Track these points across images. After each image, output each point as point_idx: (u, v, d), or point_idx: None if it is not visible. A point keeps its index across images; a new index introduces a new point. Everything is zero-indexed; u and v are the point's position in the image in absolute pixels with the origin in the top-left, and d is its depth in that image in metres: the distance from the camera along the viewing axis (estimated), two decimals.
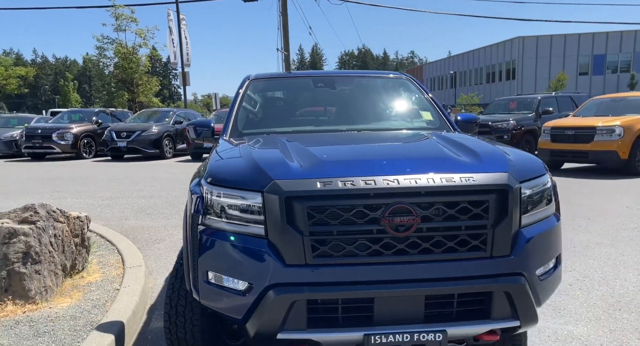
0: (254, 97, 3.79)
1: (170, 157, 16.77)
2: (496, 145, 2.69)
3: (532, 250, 2.20)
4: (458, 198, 2.11)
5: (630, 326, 3.31)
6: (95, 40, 26.71)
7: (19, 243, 3.47)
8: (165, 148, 16.50)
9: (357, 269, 2.06)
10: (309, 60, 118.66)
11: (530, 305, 2.17)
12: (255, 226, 2.09)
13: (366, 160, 2.35)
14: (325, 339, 2.08)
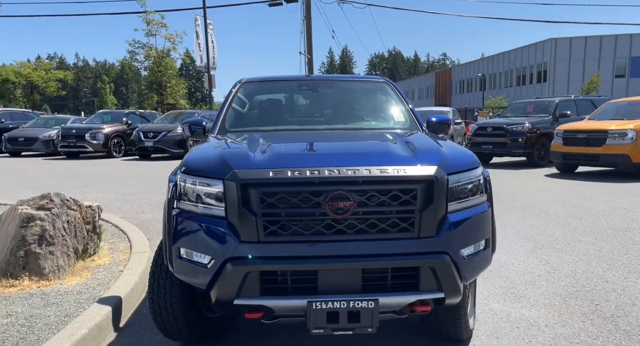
0: (243, 99, 4.18)
1: None
2: (439, 143, 3.00)
3: (457, 232, 2.51)
4: (390, 187, 2.44)
5: (579, 311, 3.56)
6: (128, 44, 27.83)
7: (35, 227, 3.95)
8: (189, 148, 17.10)
9: (302, 246, 2.41)
10: (338, 63, 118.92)
11: (453, 279, 2.48)
12: (217, 208, 2.46)
13: (316, 154, 2.71)
14: (275, 305, 2.44)
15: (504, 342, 3.13)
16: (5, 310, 3.33)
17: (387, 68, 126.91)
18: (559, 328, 3.31)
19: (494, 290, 4.03)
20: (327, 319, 2.39)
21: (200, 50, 24.02)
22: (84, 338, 2.94)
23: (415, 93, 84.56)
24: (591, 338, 3.16)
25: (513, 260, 4.82)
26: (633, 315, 3.49)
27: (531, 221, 6.51)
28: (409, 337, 3.21)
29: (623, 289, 4.01)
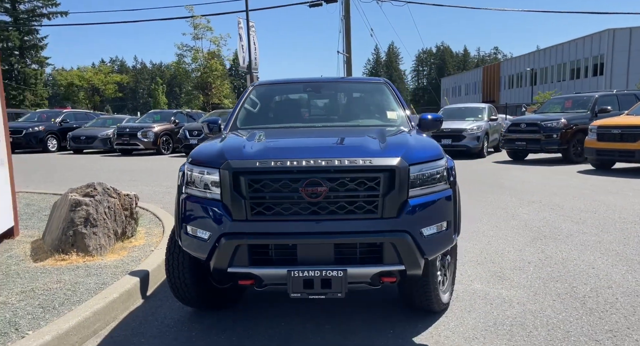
0: (255, 100, 4.71)
1: None
2: (411, 139, 3.41)
3: (416, 214, 2.92)
4: (357, 175, 2.89)
5: (554, 292, 3.87)
6: (177, 48, 29.26)
7: (81, 211, 4.63)
8: None
9: (283, 224, 2.89)
10: (384, 59, 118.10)
11: (412, 254, 2.89)
12: (214, 193, 2.98)
13: (299, 148, 3.19)
14: (261, 273, 2.94)
15: (474, 315, 3.50)
16: (56, 277, 4.00)
17: (435, 64, 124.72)
18: (529, 305, 3.65)
19: (482, 273, 4.37)
20: (303, 285, 2.86)
21: (243, 52, 24.93)
22: (114, 300, 3.55)
23: (462, 89, 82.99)
24: (555, 313, 3.49)
25: (510, 249, 5.12)
26: (603, 296, 3.78)
27: (543, 214, 6.73)
28: (390, 309, 3.63)
29: (606, 274, 4.26)
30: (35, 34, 54.89)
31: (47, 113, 25.38)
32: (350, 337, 3.22)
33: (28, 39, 54.33)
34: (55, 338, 2.93)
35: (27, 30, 53.56)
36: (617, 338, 3.10)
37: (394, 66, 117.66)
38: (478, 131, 15.20)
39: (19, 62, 52.55)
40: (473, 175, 11.08)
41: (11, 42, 52.53)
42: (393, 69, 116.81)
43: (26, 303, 3.46)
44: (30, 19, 53.98)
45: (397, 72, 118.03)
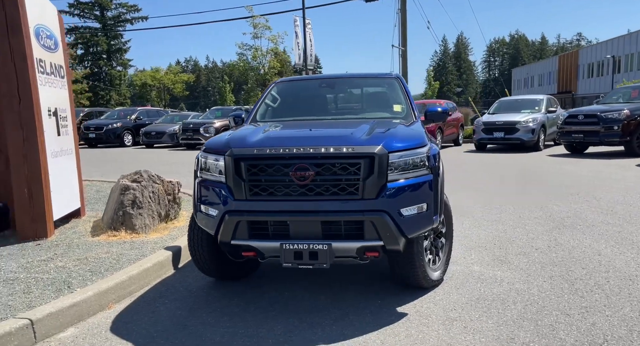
0: (276, 95, 5.22)
1: None
2: (400, 129, 3.78)
3: (395, 196, 3.30)
4: (341, 161, 3.31)
5: (548, 275, 4.10)
6: (237, 47, 30.63)
7: (129, 194, 5.36)
8: None
9: (276, 203, 3.37)
10: (452, 50, 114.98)
11: (390, 231, 3.28)
12: (221, 176, 3.51)
13: (295, 137, 3.66)
14: (258, 245, 3.44)
15: (462, 291, 3.83)
16: (106, 249, 4.73)
17: (508, 53, 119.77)
18: (518, 285, 3.91)
19: (485, 257, 4.64)
20: (294, 256, 3.34)
21: (299, 49, 25.67)
22: (148, 269, 4.19)
23: (535, 80, 79.35)
24: (540, 291, 3.75)
25: (523, 237, 5.31)
26: (595, 279, 3.96)
27: (574, 206, 6.77)
28: (385, 285, 4.02)
29: (609, 261, 4.40)
30: (120, 39, 60.60)
31: (124, 111, 27.55)
32: (339, 303, 3.66)
33: (114, 43, 60.06)
34: (96, 295, 3.60)
35: (113, 35, 59.34)
36: (589, 314, 3.33)
37: (463, 57, 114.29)
38: (533, 123, 14.90)
39: (106, 64, 58.03)
40: (517, 169, 11.02)
41: (100, 46, 58.54)
42: (462, 60, 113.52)
43: (80, 268, 4.18)
44: (116, 25, 59.01)
45: (466, 63, 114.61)
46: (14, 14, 5.00)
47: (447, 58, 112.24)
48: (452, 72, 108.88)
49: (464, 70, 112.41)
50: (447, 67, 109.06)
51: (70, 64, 30.90)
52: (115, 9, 59.45)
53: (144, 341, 3.11)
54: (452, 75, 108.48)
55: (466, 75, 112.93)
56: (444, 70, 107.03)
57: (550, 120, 15.79)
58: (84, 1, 57.59)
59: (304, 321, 3.36)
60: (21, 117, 5.11)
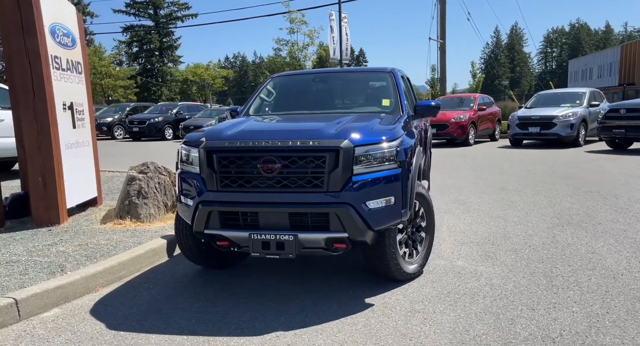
0: (271, 90, 5.39)
1: None
2: (373, 123, 3.87)
3: (359, 189, 3.40)
4: (306, 154, 3.44)
5: (530, 271, 4.10)
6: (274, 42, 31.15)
7: (135, 185, 5.68)
8: None
9: (246, 195, 3.55)
10: (505, 42, 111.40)
11: (354, 224, 3.38)
12: (196, 168, 3.71)
13: (267, 131, 3.82)
14: (229, 235, 3.63)
15: (436, 285, 3.89)
16: (108, 237, 5.05)
17: (567, 44, 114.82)
18: (495, 280, 3.93)
19: (474, 253, 4.66)
20: (262, 246, 3.50)
21: (334, 43, 25.74)
22: (140, 256, 4.47)
23: (594, 71, 75.88)
24: (514, 287, 3.77)
25: (521, 233, 5.28)
26: (577, 277, 3.94)
27: (588, 203, 6.61)
28: (364, 277, 4.12)
29: (600, 259, 4.34)
30: (171, 36, 63.69)
31: (166, 106, 28.57)
32: (312, 293, 3.81)
33: (166, 40, 63.23)
34: (84, 278, 3.89)
35: (165, 33, 62.46)
36: (555, 309, 3.34)
37: (517, 49, 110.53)
38: (572, 118, 14.42)
39: (158, 61, 60.73)
40: (546, 165, 10.74)
41: (152, 43, 61.67)
42: (515, 52, 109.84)
43: (78, 253, 4.51)
44: (168, 23, 61.65)
45: (520, 55, 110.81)
46: (28, 15, 5.39)
47: (500, 50, 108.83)
48: (504, 65, 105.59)
49: (518, 62, 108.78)
50: (499, 59, 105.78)
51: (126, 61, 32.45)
52: (167, 7, 62.36)
53: (116, 322, 3.36)
54: (505, 68, 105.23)
55: (520, 68, 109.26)
56: (496, 62, 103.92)
57: (593, 115, 15.23)
58: (139, 0, 60.77)
59: (272, 309, 3.53)
60: (35, 111, 5.51)
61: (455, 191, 7.85)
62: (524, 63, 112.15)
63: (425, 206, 4.17)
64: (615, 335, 2.95)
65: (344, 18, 25.33)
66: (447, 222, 5.85)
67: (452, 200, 7.17)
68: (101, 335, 3.15)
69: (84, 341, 3.07)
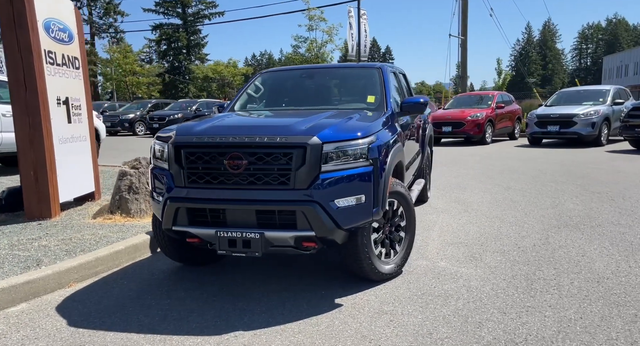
0: (259, 86, 5.36)
1: None
2: (345, 120, 3.80)
3: (327, 187, 3.34)
4: (273, 151, 3.40)
5: (511, 274, 3.99)
6: (293, 39, 31.28)
7: (126, 180, 5.73)
8: None
9: (213, 191, 3.51)
10: (537, 38, 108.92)
11: (321, 222, 3.33)
12: (165, 163, 3.69)
13: (237, 126, 3.79)
14: (197, 232, 3.61)
15: (412, 286, 3.81)
16: (94, 231, 5.11)
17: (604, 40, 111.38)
18: (474, 282, 3.83)
19: (459, 254, 4.55)
20: (228, 244, 3.48)
21: (352, 40, 25.62)
22: (119, 251, 4.50)
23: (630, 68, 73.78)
24: (492, 290, 3.67)
25: (514, 235, 5.15)
26: (559, 280, 3.81)
27: (592, 204, 6.41)
28: (340, 276, 4.06)
29: (588, 262, 4.19)
30: (198, 34, 65.42)
31: (187, 103, 28.91)
32: (283, 292, 3.77)
33: (193, 38, 64.85)
34: (56, 273, 3.92)
35: (192, 31, 64.19)
36: (527, 313, 3.24)
37: (549, 45, 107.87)
38: (594, 116, 14.02)
39: (186, 59, 62.03)
40: (561, 164, 10.46)
41: (180, 42, 63.45)
42: (547, 48, 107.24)
43: (59, 248, 4.56)
44: (195, 21, 63.28)
45: (552, 51, 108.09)
46: (20, 9, 5.48)
47: (531, 46, 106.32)
48: (535, 62, 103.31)
49: (550, 59, 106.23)
50: (531, 55, 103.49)
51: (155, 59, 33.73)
52: (195, 6, 63.80)
53: (79, 319, 3.36)
54: (536, 65, 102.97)
55: (552, 65, 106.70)
56: (527, 59, 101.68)
57: (617, 113, 14.78)
58: (168, 0, 62.27)
59: (238, 308, 3.50)
60: (27, 105, 5.60)
61: (459, 190, 7.70)
62: (557, 60, 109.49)
63: (404, 205, 4.08)
64: (583, 341, 2.84)
65: (363, 15, 25.19)
66: (441, 222, 5.74)
67: (453, 199, 7.03)
68: (59, 332, 3.16)
69: (40, 338, 3.09)
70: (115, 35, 58.16)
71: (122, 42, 50.58)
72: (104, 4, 58.87)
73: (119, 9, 59.26)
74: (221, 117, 4.21)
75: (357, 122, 3.85)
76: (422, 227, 5.52)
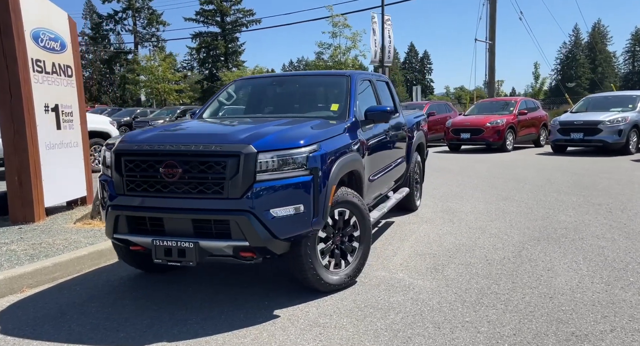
0: (231, 93, 5.41)
1: None
2: (288, 127, 3.80)
3: (262, 196, 3.34)
4: (207, 159, 3.42)
5: (466, 287, 3.91)
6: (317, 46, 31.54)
7: None
8: None
9: (149, 199, 3.56)
10: (585, 41, 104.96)
11: (254, 232, 3.32)
12: (109, 171, 3.76)
13: (179, 134, 3.84)
14: (136, 240, 3.67)
15: (360, 297, 3.78)
16: (67, 236, 5.25)
17: None
18: (423, 294, 3.77)
19: (422, 266, 4.47)
20: (164, 253, 3.51)
21: (376, 46, 25.56)
22: (82, 256, 4.62)
23: None
24: (438, 303, 3.60)
25: (488, 246, 5.02)
26: (510, 295, 3.72)
27: (585, 217, 6.19)
28: (289, 285, 4.04)
29: (552, 277, 4.07)
30: (236, 42, 67.28)
31: None
32: (227, 302, 3.78)
33: (231, 46, 66.68)
34: (8, 279, 4.04)
35: (230, 39, 66.15)
36: (462, 329, 3.18)
37: (599, 47, 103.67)
38: (621, 124, 13.47)
39: (223, 66, 63.60)
40: (574, 173, 10.09)
41: (218, 50, 65.40)
42: (597, 51, 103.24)
43: (25, 252, 4.71)
44: (233, 30, 65.42)
45: (602, 54, 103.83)
46: (6, 19, 5.72)
47: (579, 49, 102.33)
48: (583, 65, 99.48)
49: (600, 62, 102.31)
50: (578, 59, 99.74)
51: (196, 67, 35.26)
52: (233, 15, 65.59)
53: (12, 326, 3.42)
54: (584, 68, 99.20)
55: (602, 68, 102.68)
56: (574, 63, 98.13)
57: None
58: (208, 9, 64.22)
59: (174, 318, 3.52)
60: (12, 112, 5.83)
61: (455, 199, 7.55)
62: (607, 63, 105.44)
63: (357, 215, 4.04)
64: None
65: (387, 20, 25.11)
66: (420, 232, 5.64)
67: (444, 208, 6.90)
68: None
69: None
70: (157, 44, 60.48)
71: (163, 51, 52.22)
72: (148, 14, 61.91)
73: (161, 18, 62.33)
74: (174, 124, 4.28)
75: (301, 131, 3.83)
76: (397, 237, 5.45)
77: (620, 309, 3.38)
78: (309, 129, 3.90)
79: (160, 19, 62.22)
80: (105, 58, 64.44)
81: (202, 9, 64.44)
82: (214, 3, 63.11)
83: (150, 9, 62.36)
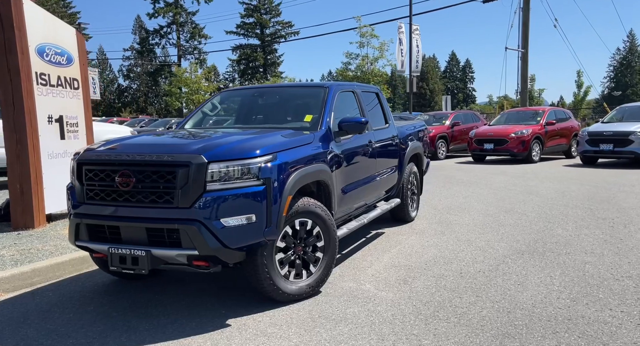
0: (216, 105, 5.54)
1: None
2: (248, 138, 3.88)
3: (212, 206, 3.41)
4: (159, 169, 3.53)
5: (427, 299, 3.87)
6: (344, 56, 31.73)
7: None
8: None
9: (105, 208, 3.69)
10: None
11: (203, 241, 3.39)
12: (73, 179, 3.91)
13: (137, 145, 3.95)
14: (94, 247, 3.80)
15: (315, 308, 3.79)
16: (52, 243, 5.47)
17: None
18: (381, 307, 3.77)
19: (392, 278, 4.45)
20: (119, 261, 3.62)
21: (402, 56, 25.45)
22: (63, 262, 4.80)
23: None
24: (393, 316, 3.59)
25: (468, 259, 4.95)
26: (468, 309, 3.67)
27: (583, 231, 6.02)
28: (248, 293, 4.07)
29: (518, 292, 3.99)
30: (274, 53, 69.06)
31: None
32: (186, 311, 3.86)
33: (270, 58, 68.39)
34: None
35: (269, 51, 67.89)
36: (406, 342, 3.17)
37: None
38: None
39: (262, 77, 65.12)
40: (593, 187, 9.73)
41: (257, 61, 67.25)
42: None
43: (11, 258, 4.92)
44: (272, 41, 67.08)
45: None
46: (10, 36, 6.04)
47: (634, 55, 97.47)
48: (639, 72, 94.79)
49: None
50: (633, 66, 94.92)
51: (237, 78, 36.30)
52: (272, 27, 67.41)
53: None
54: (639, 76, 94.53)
55: None
56: (628, 70, 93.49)
57: None
58: (248, 22, 66.43)
59: (127, 325, 3.59)
60: (15, 123, 6.13)
61: (456, 211, 7.43)
62: None
63: (321, 225, 4.06)
64: None
65: (416, 30, 25.00)
66: (405, 243, 5.60)
67: (440, 220, 6.81)
68: None
69: None
70: (199, 56, 62.46)
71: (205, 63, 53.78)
72: (191, 28, 64.03)
73: (203, 32, 64.38)
74: (140, 135, 4.42)
75: (260, 141, 3.88)
76: (381, 248, 5.42)
77: (575, 325, 3.28)
78: (270, 139, 3.96)
79: (202, 32, 64.25)
80: (151, 71, 67.04)
81: (243, 22, 66.39)
82: (254, 16, 64.83)
83: (193, 23, 64.35)
